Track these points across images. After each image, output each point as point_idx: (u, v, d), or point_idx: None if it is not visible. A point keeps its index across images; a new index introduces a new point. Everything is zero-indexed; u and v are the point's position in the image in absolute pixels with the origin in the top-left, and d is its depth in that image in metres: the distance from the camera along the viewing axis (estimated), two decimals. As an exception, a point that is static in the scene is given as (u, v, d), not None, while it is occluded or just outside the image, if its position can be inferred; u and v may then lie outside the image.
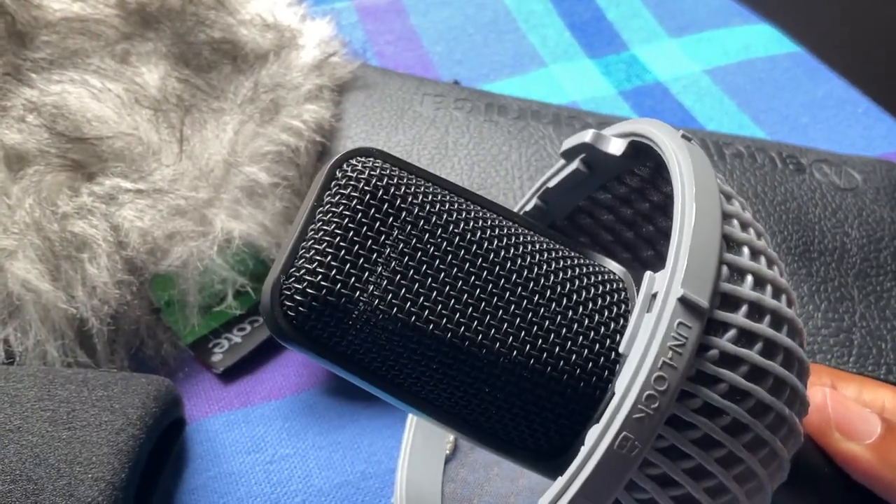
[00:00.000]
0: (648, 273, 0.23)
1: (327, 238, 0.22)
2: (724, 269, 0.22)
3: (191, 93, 0.50)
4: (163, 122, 0.48)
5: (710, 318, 0.21)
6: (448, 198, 0.24)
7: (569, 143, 0.30)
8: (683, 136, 0.26)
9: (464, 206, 0.24)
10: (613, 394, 0.21)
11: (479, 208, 0.25)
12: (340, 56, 0.56)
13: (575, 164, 0.31)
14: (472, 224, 0.24)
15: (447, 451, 0.36)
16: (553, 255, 0.25)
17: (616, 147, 0.28)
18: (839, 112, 0.66)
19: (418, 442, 0.36)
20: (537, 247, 0.25)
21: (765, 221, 0.49)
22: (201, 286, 0.45)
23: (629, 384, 0.20)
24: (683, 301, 0.21)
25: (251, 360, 0.47)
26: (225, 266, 0.45)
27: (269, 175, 0.48)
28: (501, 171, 0.50)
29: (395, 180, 0.24)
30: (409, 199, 0.23)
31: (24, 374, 0.39)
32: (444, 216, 0.23)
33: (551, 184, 0.32)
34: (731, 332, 0.22)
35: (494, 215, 0.25)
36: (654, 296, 0.22)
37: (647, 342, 0.21)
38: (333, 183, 0.23)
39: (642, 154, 0.28)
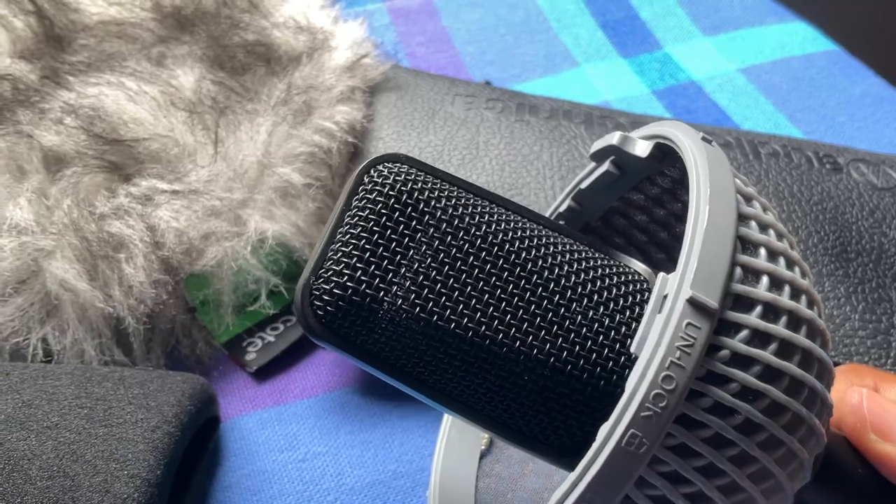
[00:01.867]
0: (661, 274, 0.23)
1: (353, 241, 0.23)
2: (738, 270, 0.22)
3: (225, 95, 0.50)
4: (198, 123, 0.48)
5: (721, 319, 0.22)
6: (472, 201, 0.25)
7: (597, 145, 0.30)
8: (703, 139, 0.26)
9: (487, 208, 0.25)
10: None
11: (503, 211, 0.25)
12: (372, 57, 0.56)
13: (605, 166, 0.31)
14: (494, 227, 0.24)
15: (482, 447, 0.36)
16: (576, 255, 0.25)
17: (642, 149, 0.29)
18: (877, 111, 0.65)
19: (454, 436, 0.36)
20: (560, 248, 0.25)
21: (801, 221, 0.48)
22: (235, 286, 0.46)
23: (637, 383, 0.21)
24: (692, 302, 0.21)
25: (284, 359, 0.47)
26: (259, 266, 0.46)
27: (301, 176, 0.48)
28: (533, 171, 0.50)
29: (420, 185, 0.24)
30: (433, 204, 0.24)
31: (61, 371, 0.39)
32: (467, 219, 0.24)
33: (584, 185, 0.32)
34: (744, 333, 0.22)
35: (519, 217, 0.26)
36: (665, 297, 0.22)
37: (655, 343, 0.21)
38: (361, 188, 0.24)
39: (669, 156, 0.28)
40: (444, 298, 0.23)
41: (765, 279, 0.23)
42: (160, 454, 0.36)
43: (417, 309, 0.23)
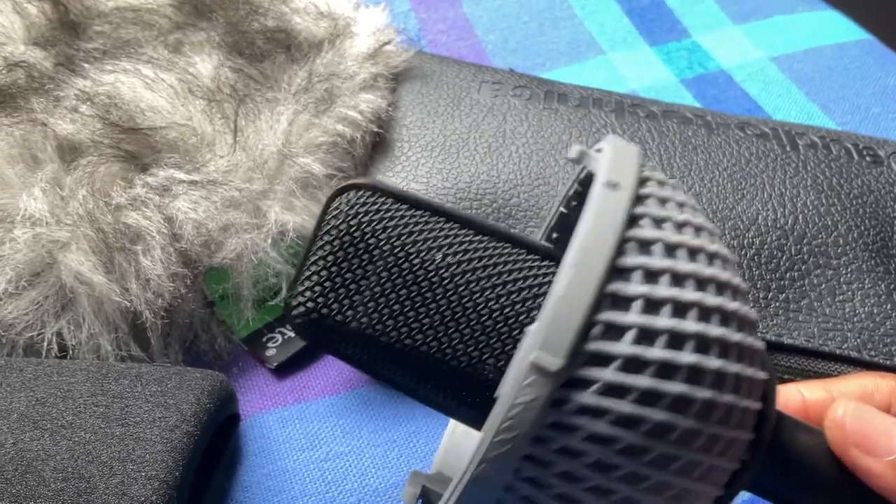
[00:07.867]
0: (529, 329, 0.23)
1: (316, 266, 0.27)
2: (597, 328, 0.22)
3: (244, 83, 0.49)
4: (216, 112, 0.47)
5: (571, 377, 0.22)
6: (428, 227, 0.27)
7: (568, 154, 0.29)
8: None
9: (441, 233, 0.27)
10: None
11: (462, 236, 0.27)
12: (395, 44, 0.55)
13: (582, 174, 0.31)
14: (438, 257, 0.27)
15: None
16: (517, 274, 0.27)
17: (590, 162, 0.28)
18: (912, 101, 0.63)
19: None
20: (494, 276, 0.27)
21: (840, 215, 0.47)
22: (255, 279, 0.45)
23: (490, 423, 0.22)
24: (535, 365, 0.22)
25: (305, 355, 0.46)
26: (279, 259, 0.44)
27: (323, 166, 0.46)
28: (561, 160, 0.49)
29: (376, 214, 0.27)
30: (384, 234, 0.27)
31: (76, 368, 0.38)
32: (412, 252, 0.27)
33: (570, 191, 0.32)
34: (595, 386, 0.22)
35: (469, 242, 0.27)
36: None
37: (507, 393, 0.22)
38: (327, 214, 0.27)
39: None
40: (381, 318, 0.26)
41: (629, 334, 0.23)
42: (179, 454, 0.35)
43: (362, 324, 0.26)
